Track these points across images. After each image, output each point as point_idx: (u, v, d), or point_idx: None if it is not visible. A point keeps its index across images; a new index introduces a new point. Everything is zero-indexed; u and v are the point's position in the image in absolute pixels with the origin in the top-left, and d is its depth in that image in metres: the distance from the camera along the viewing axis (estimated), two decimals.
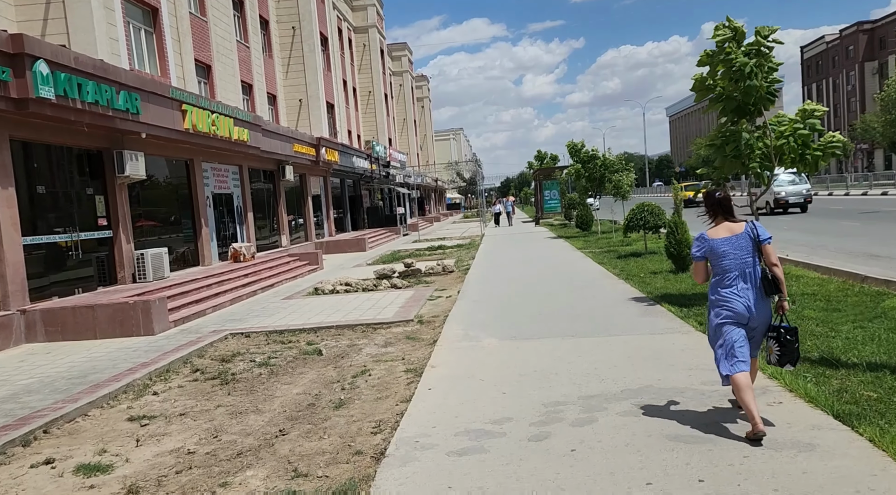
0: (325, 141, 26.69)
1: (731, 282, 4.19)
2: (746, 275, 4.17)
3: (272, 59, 27.77)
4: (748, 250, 4.18)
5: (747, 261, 4.17)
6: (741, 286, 4.16)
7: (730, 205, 4.39)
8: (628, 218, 15.07)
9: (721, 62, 7.75)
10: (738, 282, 4.17)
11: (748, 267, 4.17)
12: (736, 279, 4.18)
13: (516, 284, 12.37)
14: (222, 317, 11.55)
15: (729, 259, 4.20)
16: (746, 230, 4.23)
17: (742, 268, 4.17)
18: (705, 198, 4.51)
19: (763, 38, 7.68)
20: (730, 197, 4.48)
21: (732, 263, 4.19)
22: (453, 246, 24.79)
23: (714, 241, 4.27)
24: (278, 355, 8.33)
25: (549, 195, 37.58)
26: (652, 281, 11.08)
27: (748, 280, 4.16)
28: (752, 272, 4.17)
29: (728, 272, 4.21)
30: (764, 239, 4.21)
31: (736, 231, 4.25)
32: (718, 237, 4.27)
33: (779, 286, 4.16)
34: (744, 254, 4.18)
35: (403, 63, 61.73)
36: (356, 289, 13.69)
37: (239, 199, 19.48)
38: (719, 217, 4.37)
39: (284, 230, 23.19)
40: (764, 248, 4.21)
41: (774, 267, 4.18)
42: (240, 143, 17.81)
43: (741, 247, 4.19)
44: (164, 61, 16.23)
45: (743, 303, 4.14)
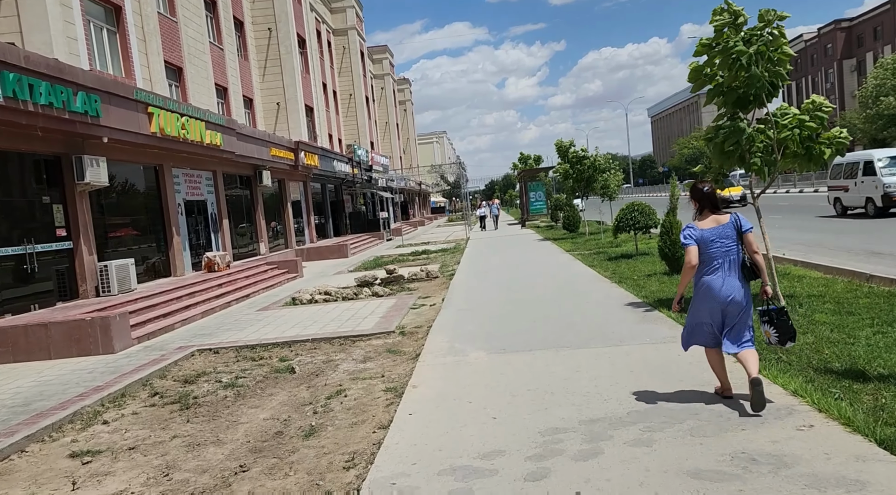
0: (304, 145, 25.96)
1: (715, 269, 4.56)
2: (730, 261, 4.53)
3: (248, 62, 27.00)
4: (733, 239, 4.54)
5: (731, 249, 4.53)
6: (724, 272, 4.53)
7: (716, 199, 4.71)
8: (618, 218, 14.54)
9: (719, 52, 7.20)
10: (721, 268, 4.54)
11: (731, 254, 4.53)
12: (720, 266, 4.54)
13: (504, 290, 11.75)
14: (191, 332, 10.80)
15: (715, 247, 4.55)
16: (731, 221, 4.57)
17: (726, 255, 4.53)
18: (693, 192, 4.78)
19: (767, 24, 7.12)
20: (716, 190, 4.80)
21: (718, 251, 4.54)
22: (438, 250, 24.15)
23: (703, 231, 4.60)
24: (247, 374, 7.63)
25: (535, 196, 37.07)
26: (646, 284, 10.51)
27: (731, 266, 4.53)
28: (734, 259, 4.54)
29: (714, 259, 4.55)
30: (746, 229, 4.57)
31: (722, 221, 4.59)
32: (707, 227, 4.61)
33: (758, 272, 4.56)
34: (728, 243, 4.53)
35: (385, 66, 61.05)
36: (336, 298, 13.00)
37: (213, 206, 18.70)
38: (706, 209, 4.69)
39: (263, 237, 22.42)
40: (746, 237, 4.56)
41: (755, 254, 4.55)
42: (213, 148, 17.06)
43: (727, 236, 4.54)
44: (128, 62, 15.45)
45: (727, 288, 4.50)
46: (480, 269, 15.88)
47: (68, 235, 12.00)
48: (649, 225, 14.29)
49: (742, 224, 4.58)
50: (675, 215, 11.48)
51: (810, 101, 7.36)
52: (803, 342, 5.98)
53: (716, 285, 4.52)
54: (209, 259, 16.30)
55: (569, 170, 20.52)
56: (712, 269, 4.55)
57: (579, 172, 20.20)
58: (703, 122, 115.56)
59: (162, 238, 15.73)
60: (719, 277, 4.52)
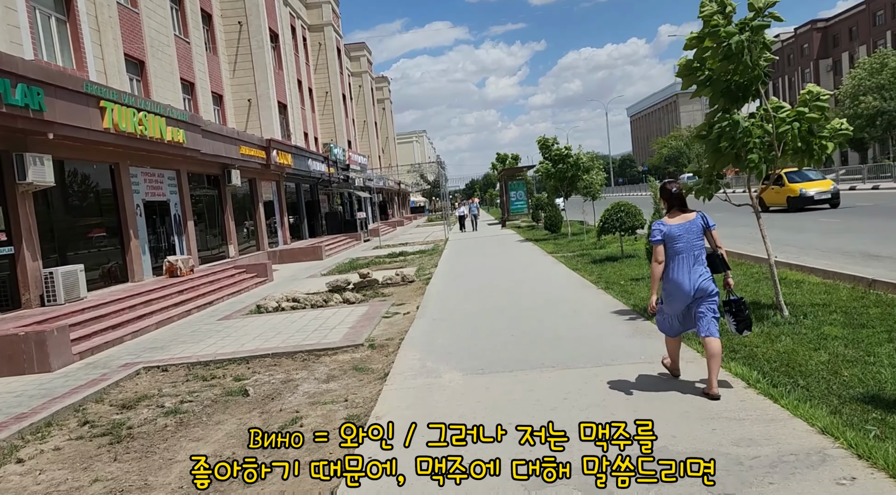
0: (277, 143, 25.00)
1: (681, 264, 4.84)
2: (695, 256, 4.83)
3: (217, 57, 25.96)
4: (699, 235, 4.86)
5: (697, 244, 4.86)
6: (690, 265, 4.83)
7: (683, 198, 5.04)
8: (603, 219, 13.86)
9: (709, 36, 6.54)
10: (687, 262, 4.83)
11: (696, 249, 4.85)
12: (686, 260, 4.83)
13: (483, 297, 11.00)
14: (142, 346, 9.90)
15: (682, 242, 4.85)
16: (697, 218, 4.90)
17: (692, 250, 4.84)
18: (662, 192, 5.11)
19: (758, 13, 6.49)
20: (680, 189, 5.09)
21: (685, 246, 4.85)
22: (415, 252, 23.37)
23: (671, 227, 4.89)
24: (195, 397, 6.79)
25: (516, 196, 36.41)
26: (635, 290, 9.84)
27: (696, 260, 4.84)
28: (700, 254, 4.85)
29: (681, 253, 4.85)
30: (712, 225, 4.95)
31: (689, 218, 4.91)
32: (675, 223, 4.91)
33: (724, 264, 4.95)
34: (694, 239, 4.85)
35: (362, 63, 60.05)
36: (304, 306, 12.16)
37: (177, 207, 17.72)
38: (675, 208, 5.00)
39: (232, 239, 21.44)
40: (711, 234, 4.96)
41: (720, 248, 4.97)
42: (175, 145, 16.09)
43: (693, 231, 4.86)
44: (80, 53, 14.43)
45: (689, 281, 4.81)
46: (458, 273, 15.13)
47: (9, 240, 11.01)
48: (635, 226, 13.64)
49: (707, 221, 4.94)
50: (661, 216, 10.81)
51: (807, 92, 6.71)
52: (817, 360, 5.31)
53: (683, 280, 4.83)
54: (170, 263, 15.34)
55: (550, 168, 19.81)
56: (679, 263, 4.85)
57: (562, 171, 19.50)
58: (682, 121, 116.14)
59: (118, 241, 14.74)
60: (686, 271, 4.83)
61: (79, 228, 13.66)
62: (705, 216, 4.95)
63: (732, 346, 5.99)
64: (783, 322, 6.66)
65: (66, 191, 13.39)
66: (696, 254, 4.82)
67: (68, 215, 13.32)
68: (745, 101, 6.84)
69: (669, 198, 5.01)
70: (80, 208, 13.79)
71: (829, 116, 6.72)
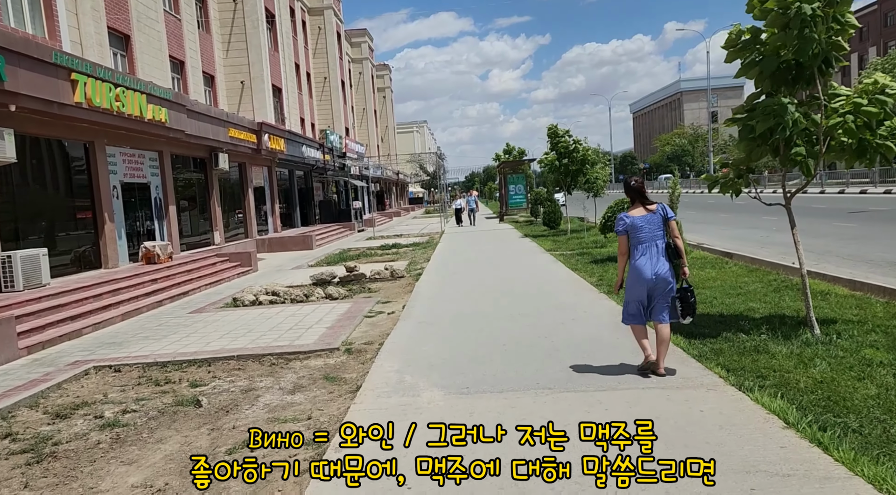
0: (269, 127, 24.07)
1: (643, 252, 5.20)
2: (656, 245, 5.20)
3: (210, 35, 24.98)
4: (659, 226, 5.20)
5: (657, 235, 5.20)
6: (652, 253, 5.18)
7: (644, 192, 5.33)
8: (606, 216, 13.02)
9: None
10: (650, 250, 5.19)
11: (657, 239, 5.20)
12: (648, 248, 5.20)
13: (474, 298, 10.15)
14: (100, 340, 9.05)
15: (644, 233, 5.21)
16: (658, 210, 5.23)
17: (653, 240, 5.20)
18: (624, 187, 5.45)
19: None
20: (643, 183, 5.44)
21: (646, 236, 5.20)
22: (409, 244, 22.51)
23: (634, 219, 5.26)
24: (141, 406, 5.96)
25: (515, 190, 35.49)
26: None
27: (658, 250, 5.19)
28: (660, 244, 5.20)
29: (642, 243, 5.21)
30: (670, 217, 5.26)
31: (650, 210, 5.24)
32: (637, 215, 5.26)
33: (679, 253, 5.25)
34: (655, 229, 5.20)
35: (363, 50, 58.92)
36: (283, 300, 11.31)
37: (158, 190, 16.82)
38: (637, 201, 5.33)
39: (218, 226, 20.55)
40: (669, 224, 5.26)
41: (676, 239, 5.27)
42: (157, 124, 15.20)
43: (654, 223, 5.20)
44: (52, 22, 13.49)
45: (651, 268, 5.17)
46: (451, 270, 14.27)
47: None
48: None
49: (667, 213, 5.26)
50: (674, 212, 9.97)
51: (871, 81, 5.84)
52: (864, 394, 4.48)
53: (645, 266, 5.19)
54: (147, 249, 14.47)
55: (555, 161, 18.89)
56: (641, 252, 5.22)
57: (566, 165, 18.60)
58: (686, 119, 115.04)
59: (92, 224, 13.86)
60: (647, 259, 5.19)
61: (47, 210, 12.78)
62: (665, 208, 5.28)
63: (760, 371, 5.15)
64: (814, 341, 5.83)
65: (33, 169, 12.49)
66: (657, 244, 5.22)
67: (35, 195, 12.43)
68: (798, 86, 5.92)
69: (630, 193, 5.39)
70: (48, 188, 12.90)
71: (889, 112, 5.83)
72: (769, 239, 15.10)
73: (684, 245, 6.23)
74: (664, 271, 5.16)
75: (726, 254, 12.64)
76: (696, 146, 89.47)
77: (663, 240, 5.21)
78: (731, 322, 6.95)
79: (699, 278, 10.05)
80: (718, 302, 8.10)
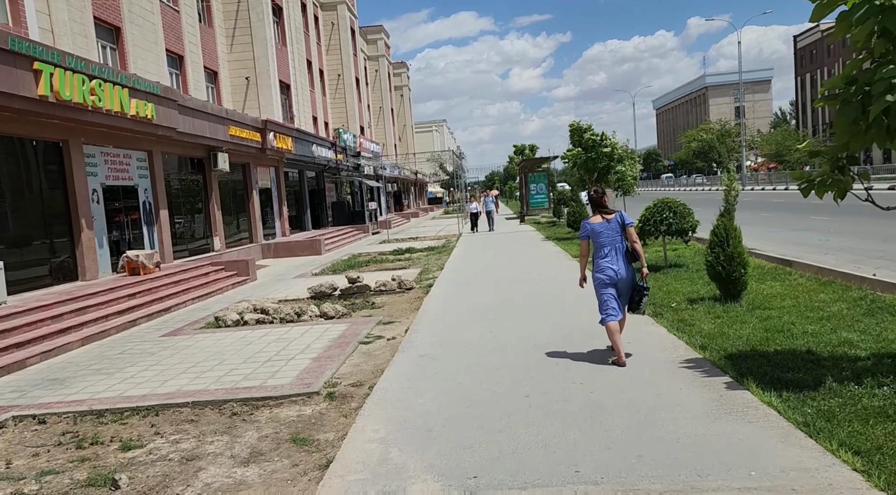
0: (274, 125, 22.67)
1: (605, 254, 5.92)
2: (616, 249, 5.90)
3: (212, 29, 23.66)
4: (617, 231, 5.89)
5: (616, 240, 5.90)
6: (612, 257, 5.90)
7: (601, 202, 6.07)
8: (644, 218, 11.32)
9: None
10: (610, 254, 5.91)
11: (617, 243, 5.90)
12: (609, 252, 5.91)
13: (490, 321, 8.52)
14: (44, 374, 7.61)
15: (604, 237, 5.91)
16: (615, 218, 5.92)
17: (613, 244, 5.90)
18: (588, 196, 6.31)
19: None
20: (603, 194, 6.16)
21: (606, 240, 5.91)
22: (424, 248, 20.96)
23: (594, 225, 5.98)
24: (42, 485, 4.47)
25: (536, 189, 33.73)
26: (696, 319, 7.33)
27: (617, 252, 5.90)
28: (619, 247, 5.90)
29: (603, 247, 5.92)
30: (628, 223, 5.93)
31: (608, 218, 5.94)
32: (597, 222, 5.98)
33: (637, 256, 5.92)
34: (614, 234, 5.89)
35: (379, 47, 57.54)
36: (272, 319, 9.83)
37: (148, 194, 15.47)
38: (596, 210, 6.08)
39: (218, 231, 19.18)
40: (627, 230, 5.92)
41: (635, 243, 5.93)
42: (142, 121, 13.84)
43: (613, 229, 5.90)
44: (16, 6, 12.14)
45: (613, 269, 5.87)
46: (465, 280, 12.67)
47: None
48: (685, 229, 11.09)
49: (625, 219, 5.93)
50: (732, 219, 8.28)
51: None
52: None
53: (607, 267, 5.88)
54: (129, 259, 13.08)
55: (580, 155, 17.15)
56: (603, 255, 5.93)
57: (593, 160, 16.87)
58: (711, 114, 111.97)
59: (67, 232, 12.51)
60: (609, 261, 5.89)
61: (17, 217, 11.45)
62: (623, 215, 5.91)
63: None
64: None
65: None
66: (617, 247, 5.85)
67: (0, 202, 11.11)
68: None
69: (591, 202, 6.13)
70: (16, 193, 11.57)
71: None
72: (829, 243, 13.27)
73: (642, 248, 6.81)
74: (624, 271, 5.85)
75: (784, 261, 10.91)
76: (724, 142, 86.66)
77: (623, 244, 5.89)
78: (828, 363, 5.27)
79: (762, 294, 8.33)
80: (799, 329, 6.39)
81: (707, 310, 7.79)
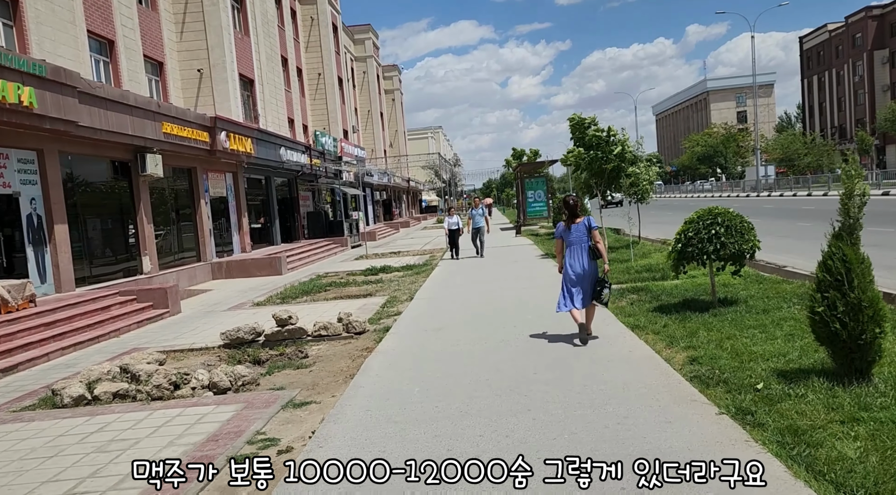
0: (227, 123, 19.40)
1: (574, 252, 7.05)
2: (582, 247, 7.01)
3: (156, 13, 20.43)
4: (584, 233, 7.01)
5: (584, 240, 7.01)
6: (579, 254, 7.01)
7: (573, 208, 7.20)
8: (683, 237, 7.99)
9: None
10: (577, 251, 7.03)
11: (583, 243, 7.01)
12: (577, 250, 7.03)
13: (463, 399, 5.23)
14: None
15: (572, 237, 7.07)
16: (584, 221, 7.05)
17: (580, 243, 7.02)
18: (563, 202, 7.50)
19: None
20: (577, 202, 7.38)
21: (574, 240, 7.05)
22: (401, 267, 17.64)
23: (565, 229, 7.17)
24: None
25: (534, 196, 30.51)
26: (813, 424, 4.03)
27: (583, 251, 7.00)
28: (585, 246, 7.00)
29: (572, 245, 7.06)
30: (593, 227, 7.05)
31: (577, 222, 7.08)
32: (567, 225, 7.16)
33: (599, 254, 6.98)
34: (582, 236, 7.02)
35: (367, 47, 54.45)
36: (132, 394, 6.53)
37: (35, 204, 12.15)
38: (568, 215, 7.21)
39: (148, 249, 15.83)
40: (592, 232, 7.01)
41: (598, 243, 6.99)
42: (19, 111, 10.59)
43: (581, 231, 7.03)
44: None
45: (579, 264, 6.98)
46: (438, 321, 9.34)
47: None
48: (743, 251, 7.79)
49: (591, 223, 7.06)
50: (856, 243, 4.97)
51: None
52: None
53: (575, 263, 7.02)
54: None
55: (583, 155, 13.81)
56: (572, 253, 7.05)
57: (599, 160, 13.55)
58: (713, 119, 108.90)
59: None
60: (576, 258, 7.01)
61: None
62: (590, 219, 7.12)
63: None
64: None
65: None
66: (583, 247, 7.01)
67: None
68: None
69: (566, 207, 7.29)
70: None
71: None
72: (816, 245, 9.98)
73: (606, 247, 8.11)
74: (587, 267, 6.97)
75: None
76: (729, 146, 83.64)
77: (588, 243, 6.99)
78: None
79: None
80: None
81: (825, 401, 4.50)
